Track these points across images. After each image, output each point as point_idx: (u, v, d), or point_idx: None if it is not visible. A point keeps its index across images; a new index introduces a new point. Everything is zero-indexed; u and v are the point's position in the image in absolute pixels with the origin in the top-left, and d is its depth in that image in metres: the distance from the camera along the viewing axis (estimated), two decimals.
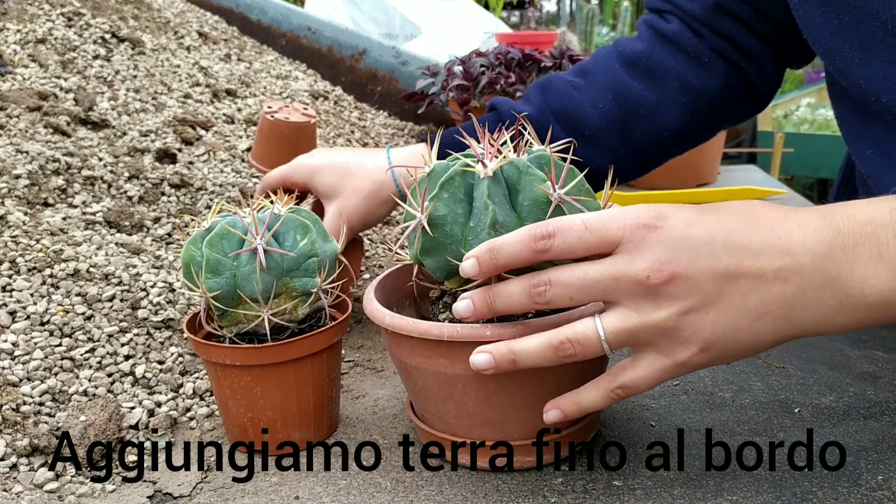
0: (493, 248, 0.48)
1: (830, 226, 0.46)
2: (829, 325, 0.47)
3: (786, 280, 0.45)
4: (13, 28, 1.25)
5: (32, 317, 0.71)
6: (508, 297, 0.49)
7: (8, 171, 0.90)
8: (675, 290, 0.45)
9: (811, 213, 0.47)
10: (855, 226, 0.46)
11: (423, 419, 0.60)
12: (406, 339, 0.55)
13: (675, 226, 0.46)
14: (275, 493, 0.57)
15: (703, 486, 0.54)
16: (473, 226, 0.53)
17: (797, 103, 2.77)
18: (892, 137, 0.59)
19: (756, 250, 0.45)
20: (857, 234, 0.45)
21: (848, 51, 0.58)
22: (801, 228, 0.46)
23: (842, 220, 0.46)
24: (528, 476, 0.57)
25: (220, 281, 0.57)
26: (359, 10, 2.29)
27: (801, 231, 0.46)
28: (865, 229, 0.45)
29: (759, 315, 0.46)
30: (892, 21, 0.54)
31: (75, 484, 0.59)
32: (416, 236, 0.54)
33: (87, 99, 1.13)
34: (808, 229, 0.46)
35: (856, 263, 0.45)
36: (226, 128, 1.23)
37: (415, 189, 0.55)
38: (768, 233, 0.46)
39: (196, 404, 0.69)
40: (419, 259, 0.55)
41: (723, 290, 0.45)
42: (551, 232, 0.47)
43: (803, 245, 0.45)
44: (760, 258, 0.45)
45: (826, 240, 0.45)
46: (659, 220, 0.46)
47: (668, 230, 0.46)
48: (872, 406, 0.64)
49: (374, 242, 1.07)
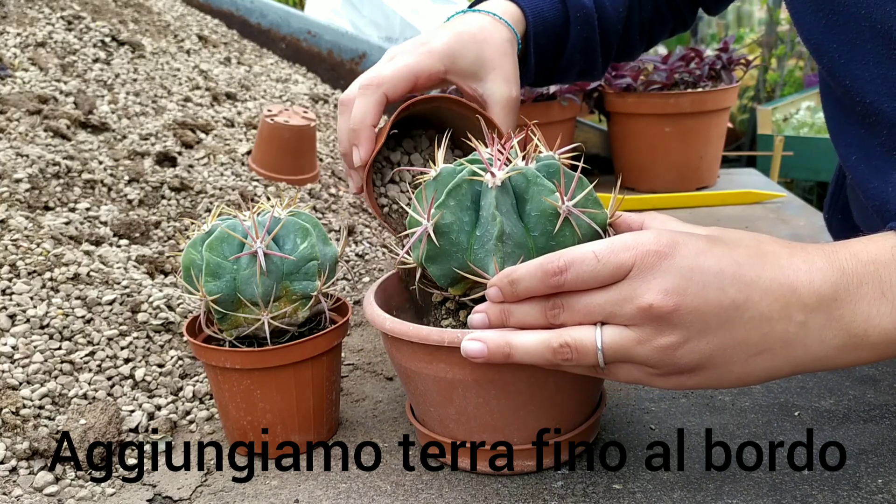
0: (513, 281, 0.49)
1: (835, 266, 0.46)
2: (831, 364, 0.47)
3: (789, 318, 0.45)
4: (13, 31, 1.26)
5: (32, 320, 0.71)
6: (525, 315, 0.49)
7: (8, 175, 0.90)
8: (678, 320, 0.45)
9: (817, 251, 0.47)
10: (859, 265, 0.46)
11: (423, 423, 0.60)
12: (406, 344, 0.55)
13: (686, 255, 0.46)
14: (275, 496, 0.57)
15: (703, 488, 0.54)
16: (480, 235, 0.52)
17: (797, 106, 2.77)
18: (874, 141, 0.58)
19: (764, 287, 0.45)
20: (860, 273, 0.45)
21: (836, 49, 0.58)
22: (808, 268, 0.46)
23: (846, 260, 0.46)
24: (527, 479, 0.57)
25: (219, 284, 0.57)
26: (359, 13, 2.29)
27: (807, 270, 0.46)
28: (868, 268, 0.45)
29: (759, 351, 0.46)
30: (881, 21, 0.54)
31: (75, 487, 0.58)
32: (421, 243, 0.54)
33: (87, 102, 1.13)
34: (814, 269, 0.46)
35: (859, 303, 0.45)
36: (226, 131, 1.23)
37: (420, 194, 0.55)
38: (776, 270, 0.46)
39: (196, 407, 0.69)
40: (423, 265, 0.55)
41: (726, 323, 0.45)
42: (563, 267, 0.47)
43: (810, 285, 0.45)
44: (767, 295, 0.45)
45: (831, 280, 0.45)
46: (670, 247, 0.46)
47: (679, 259, 0.45)
48: (872, 409, 0.64)
49: (374, 246, 1.07)
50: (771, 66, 3.04)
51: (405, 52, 0.68)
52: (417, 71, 0.67)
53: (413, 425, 0.62)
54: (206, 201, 1.02)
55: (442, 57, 0.68)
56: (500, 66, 0.70)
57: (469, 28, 0.70)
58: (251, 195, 1.06)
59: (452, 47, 0.68)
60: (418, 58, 0.67)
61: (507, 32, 0.71)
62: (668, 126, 1.32)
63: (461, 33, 0.69)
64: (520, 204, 0.53)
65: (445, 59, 0.68)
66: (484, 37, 0.70)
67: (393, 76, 0.66)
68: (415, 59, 0.67)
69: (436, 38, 0.69)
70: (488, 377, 0.53)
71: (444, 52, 0.68)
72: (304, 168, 1.14)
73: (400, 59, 0.67)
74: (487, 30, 0.70)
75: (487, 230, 0.51)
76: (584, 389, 0.57)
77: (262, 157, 1.12)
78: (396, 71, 0.66)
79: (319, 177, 1.17)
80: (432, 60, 0.67)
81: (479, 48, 0.69)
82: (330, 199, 1.14)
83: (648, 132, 1.34)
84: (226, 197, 1.04)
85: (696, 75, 1.34)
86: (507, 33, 0.71)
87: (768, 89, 3.09)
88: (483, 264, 0.52)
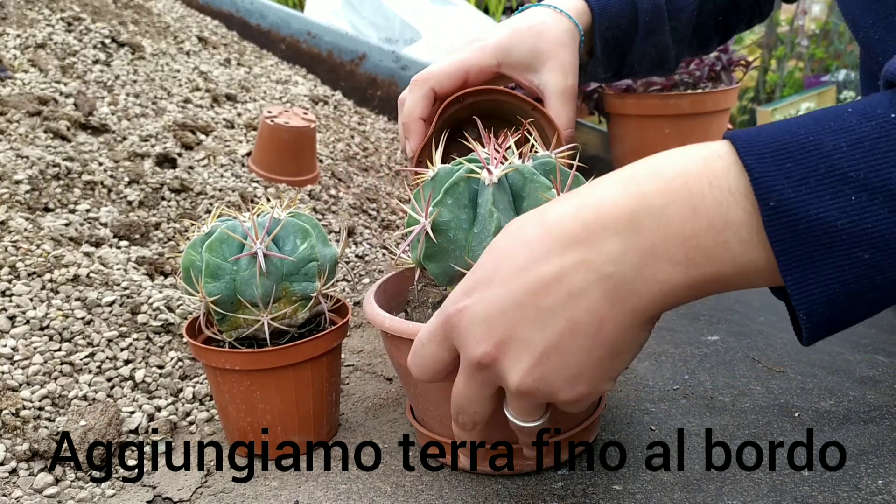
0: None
1: (633, 193, 0.40)
2: (679, 296, 0.41)
3: (591, 283, 0.41)
4: (13, 33, 1.26)
5: (32, 321, 0.71)
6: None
7: (8, 177, 0.90)
8: (510, 356, 0.43)
9: (612, 181, 0.42)
10: (661, 182, 0.40)
11: (422, 423, 0.60)
12: (406, 343, 0.55)
13: (477, 302, 0.43)
14: (275, 497, 0.57)
15: (703, 489, 0.54)
16: (478, 232, 0.53)
17: (797, 108, 2.78)
18: None
19: (556, 270, 0.41)
20: (664, 191, 0.40)
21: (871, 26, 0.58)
22: (597, 213, 0.41)
23: (646, 180, 0.40)
24: (527, 480, 0.57)
25: (219, 285, 0.57)
26: (358, 14, 2.29)
27: (597, 216, 0.41)
28: (675, 183, 0.39)
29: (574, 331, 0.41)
30: None
31: (75, 488, 0.58)
32: (419, 241, 0.54)
33: (87, 104, 1.13)
34: (605, 207, 0.41)
35: (671, 225, 0.39)
36: (226, 132, 1.23)
37: (418, 193, 0.55)
38: (559, 234, 0.41)
39: (196, 409, 0.69)
40: (422, 264, 0.55)
41: (542, 333, 0.42)
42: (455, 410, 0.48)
43: (603, 230, 0.40)
44: (563, 272, 0.41)
45: (629, 210, 0.40)
46: (462, 300, 0.44)
47: (472, 310, 0.43)
48: (872, 410, 0.64)
49: (374, 246, 1.07)
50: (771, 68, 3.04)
51: (458, 49, 0.68)
52: (468, 65, 0.67)
53: (413, 425, 0.62)
54: (206, 202, 1.02)
55: (495, 51, 0.67)
56: (557, 55, 0.68)
57: (527, 22, 0.69)
58: (251, 196, 1.06)
59: (506, 41, 0.67)
60: (469, 53, 0.67)
61: (566, 23, 0.71)
62: (668, 127, 1.32)
63: (518, 27, 0.68)
64: (517, 201, 0.53)
65: (498, 53, 0.67)
66: (541, 29, 0.68)
67: (441, 71, 0.66)
68: (465, 55, 0.67)
69: (492, 34, 0.69)
70: None
71: (498, 46, 0.67)
72: (304, 169, 1.14)
73: (453, 55, 0.68)
74: (546, 22, 0.69)
75: (485, 227, 0.52)
76: None
77: (261, 159, 1.12)
78: (445, 66, 0.67)
79: (319, 178, 1.17)
80: (483, 55, 0.67)
81: (536, 40, 0.68)
82: (330, 201, 1.14)
83: (648, 133, 1.34)
84: (226, 198, 1.04)
85: (695, 76, 1.34)
86: (566, 24, 0.70)
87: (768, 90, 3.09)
88: None
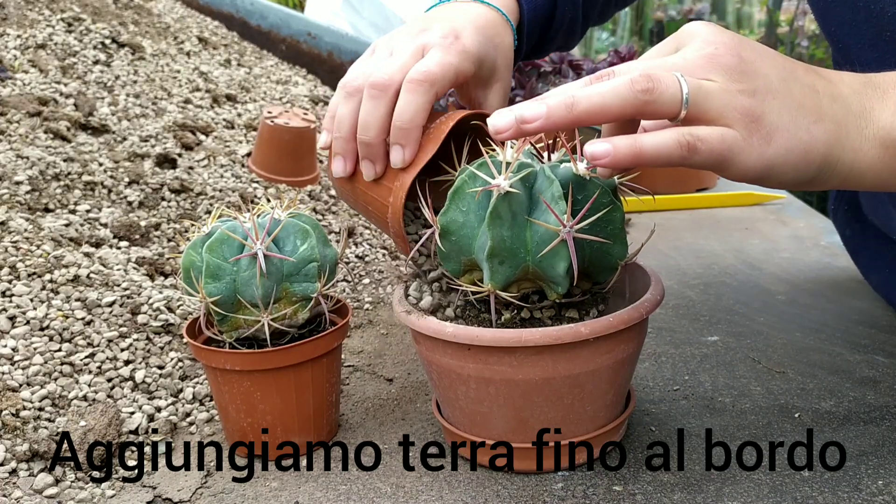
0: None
1: (862, 78, 0.51)
2: (863, 160, 0.49)
3: (833, 98, 0.49)
4: (13, 33, 1.26)
5: (32, 322, 0.71)
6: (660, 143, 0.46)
7: (8, 177, 0.90)
8: (744, 68, 0.47)
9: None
10: (886, 78, 0.50)
11: (449, 419, 0.60)
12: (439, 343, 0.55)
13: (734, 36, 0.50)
14: (275, 497, 0.57)
15: (703, 490, 0.54)
16: (479, 243, 0.53)
17: None
18: None
19: (804, 68, 0.50)
20: (886, 83, 0.50)
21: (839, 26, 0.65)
22: (837, 74, 0.51)
23: (874, 76, 0.51)
24: (527, 481, 0.57)
25: (219, 286, 0.57)
26: (359, 15, 2.29)
27: (837, 74, 0.51)
28: (893, 78, 0.50)
29: (816, 118, 0.48)
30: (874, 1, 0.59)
31: (75, 489, 0.58)
32: (431, 244, 0.55)
33: (87, 104, 1.13)
34: (843, 75, 0.51)
35: (886, 100, 0.49)
36: (226, 133, 1.23)
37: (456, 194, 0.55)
38: (809, 70, 0.50)
39: (196, 409, 0.69)
40: (441, 263, 0.57)
41: (786, 81, 0.48)
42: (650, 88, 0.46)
43: (840, 79, 0.50)
44: (809, 73, 0.50)
45: (860, 80, 0.51)
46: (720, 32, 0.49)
47: (730, 35, 0.49)
48: (872, 410, 0.64)
49: (374, 247, 1.07)
50: None
51: (440, 47, 0.61)
52: (458, 73, 0.61)
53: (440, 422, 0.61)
54: (206, 203, 1.02)
55: (474, 60, 0.63)
56: (504, 78, 0.67)
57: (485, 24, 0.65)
58: (251, 197, 1.06)
59: (479, 50, 0.63)
60: (454, 56, 0.61)
61: (510, 37, 0.69)
62: None
63: (482, 31, 0.64)
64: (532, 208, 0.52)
65: (475, 62, 0.63)
66: (497, 42, 0.66)
67: (444, 76, 0.60)
68: (456, 60, 0.61)
69: (463, 33, 0.63)
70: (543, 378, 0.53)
71: (475, 54, 0.63)
72: (304, 170, 1.14)
73: (440, 55, 0.61)
74: (500, 34, 0.66)
75: (482, 239, 0.52)
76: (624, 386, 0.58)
77: (261, 159, 1.12)
78: (444, 69, 0.60)
79: (319, 178, 1.17)
80: (469, 64, 0.62)
81: (496, 54, 0.66)
82: (330, 201, 1.14)
83: None
84: (226, 199, 1.04)
85: None
86: (510, 37, 0.69)
87: None
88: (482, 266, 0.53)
